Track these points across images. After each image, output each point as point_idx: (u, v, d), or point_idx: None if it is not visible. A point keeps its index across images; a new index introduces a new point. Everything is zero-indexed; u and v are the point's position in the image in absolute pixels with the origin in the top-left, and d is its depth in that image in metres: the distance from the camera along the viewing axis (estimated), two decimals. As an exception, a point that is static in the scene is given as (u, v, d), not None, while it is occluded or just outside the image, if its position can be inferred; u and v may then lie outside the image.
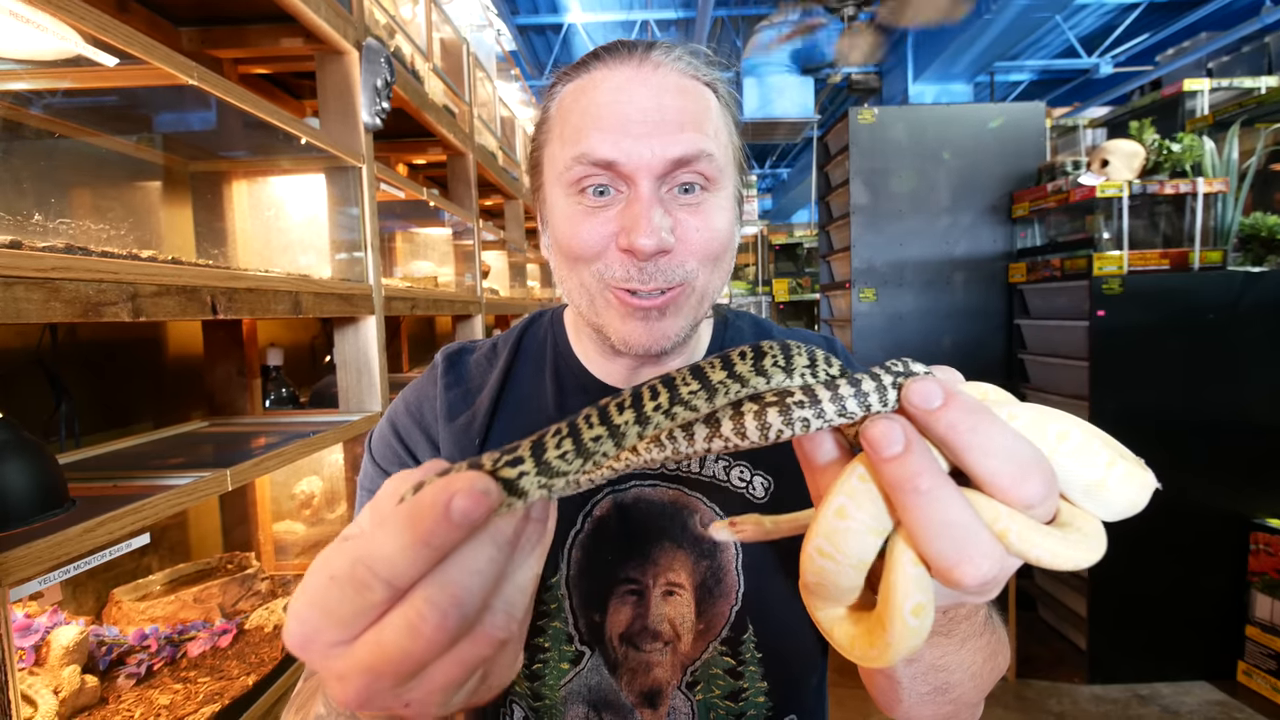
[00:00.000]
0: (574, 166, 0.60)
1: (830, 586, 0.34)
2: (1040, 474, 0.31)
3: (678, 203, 0.61)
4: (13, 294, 0.70)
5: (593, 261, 0.62)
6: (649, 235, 0.58)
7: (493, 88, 3.31)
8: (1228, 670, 2.68)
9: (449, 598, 0.27)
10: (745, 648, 0.67)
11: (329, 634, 0.28)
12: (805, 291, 6.61)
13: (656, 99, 0.60)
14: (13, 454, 0.81)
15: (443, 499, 0.27)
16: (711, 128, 0.62)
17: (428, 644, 0.27)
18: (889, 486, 0.31)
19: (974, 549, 0.29)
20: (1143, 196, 2.77)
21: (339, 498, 1.81)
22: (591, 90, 0.62)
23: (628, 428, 0.32)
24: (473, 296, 2.68)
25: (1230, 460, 2.67)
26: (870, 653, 0.34)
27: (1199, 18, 6.61)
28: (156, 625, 1.26)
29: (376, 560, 0.27)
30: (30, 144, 1.15)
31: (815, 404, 0.32)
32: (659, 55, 0.62)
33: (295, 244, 1.66)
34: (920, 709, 0.56)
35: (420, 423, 0.74)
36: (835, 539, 0.32)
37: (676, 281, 0.61)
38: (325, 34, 1.44)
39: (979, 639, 0.51)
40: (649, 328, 0.62)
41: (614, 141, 0.59)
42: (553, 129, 0.65)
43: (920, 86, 7.27)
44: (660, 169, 0.59)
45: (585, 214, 0.62)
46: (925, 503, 0.29)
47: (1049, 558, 0.31)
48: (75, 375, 1.35)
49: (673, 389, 0.33)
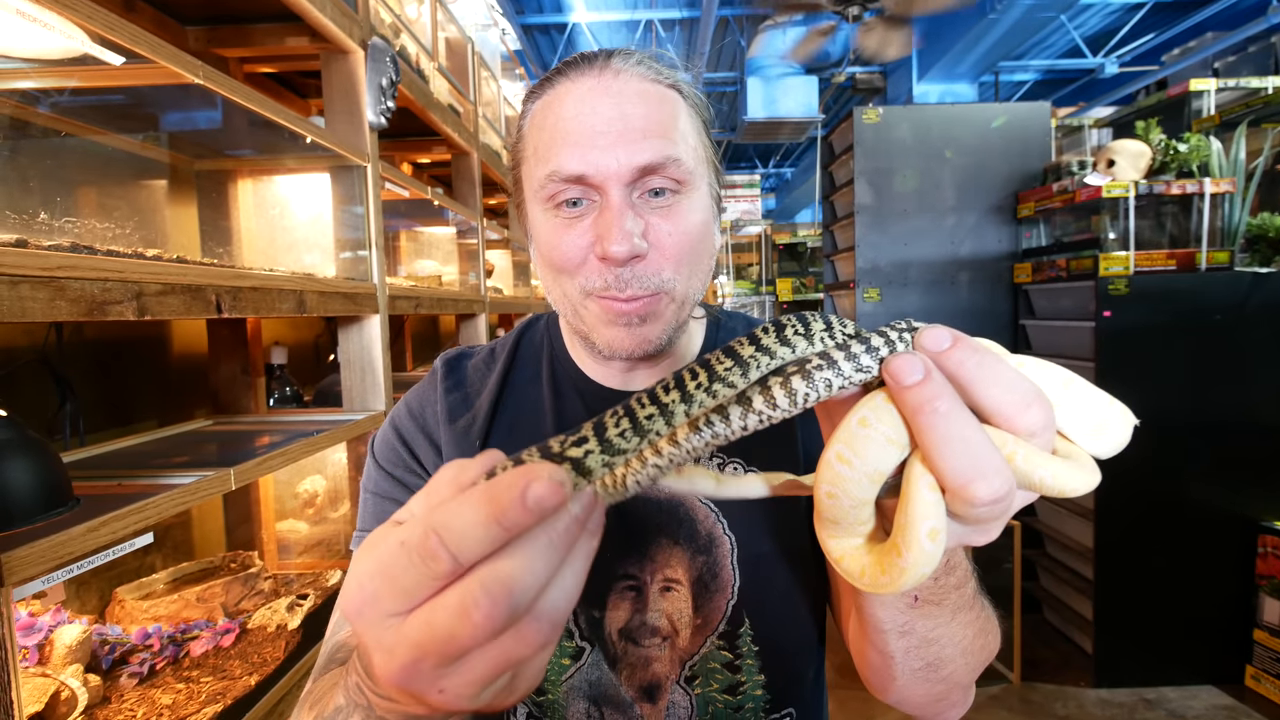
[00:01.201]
0: (547, 184, 0.62)
1: (845, 499, 0.35)
2: (1040, 404, 0.34)
3: (649, 207, 0.63)
4: (18, 293, 0.70)
5: (575, 273, 0.64)
6: (620, 241, 0.59)
7: (497, 87, 3.31)
8: (1235, 675, 2.66)
9: (503, 587, 0.28)
10: (742, 642, 0.68)
11: (388, 602, 0.29)
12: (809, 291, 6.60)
13: (619, 108, 0.61)
14: (17, 452, 0.81)
15: (521, 483, 0.28)
16: (677, 131, 0.63)
17: (475, 629, 0.28)
18: (909, 412, 0.33)
19: (986, 464, 0.31)
20: (1149, 197, 2.76)
21: (342, 497, 1.81)
22: (557, 106, 0.63)
23: (675, 405, 0.35)
24: (477, 295, 2.68)
25: (1238, 462, 2.65)
26: (881, 579, 0.36)
27: (1205, 17, 6.58)
28: (159, 624, 1.26)
29: (449, 531, 0.28)
30: (37, 143, 1.15)
31: (833, 365, 0.35)
32: (619, 63, 0.63)
33: (300, 243, 1.66)
34: (913, 688, 0.57)
35: (422, 426, 0.75)
36: (855, 444, 0.34)
37: (652, 290, 0.63)
38: (331, 33, 1.44)
39: (968, 612, 0.52)
40: (630, 333, 0.64)
41: (581, 155, 0.60)
42: (526, 147, 0.68)
43: (925, 86, 7.25)
44: (628, 176, 0.61)
45: (563, 227, 0.63)
46: (943, 422, 0.32)
47: (1050, 479, 0.33)
48: (80, 374, 1.35)
49: (709, 369, 0.36)
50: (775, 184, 15.40)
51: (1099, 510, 2.70)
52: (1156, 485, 2.65)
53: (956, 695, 0.60)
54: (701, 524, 0.69)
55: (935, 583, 0.47)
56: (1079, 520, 2.87)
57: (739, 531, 0.69)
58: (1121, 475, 2.65)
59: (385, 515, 0.71)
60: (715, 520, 0.70)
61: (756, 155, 13.43)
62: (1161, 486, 2.66)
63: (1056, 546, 3.12)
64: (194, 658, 1.19)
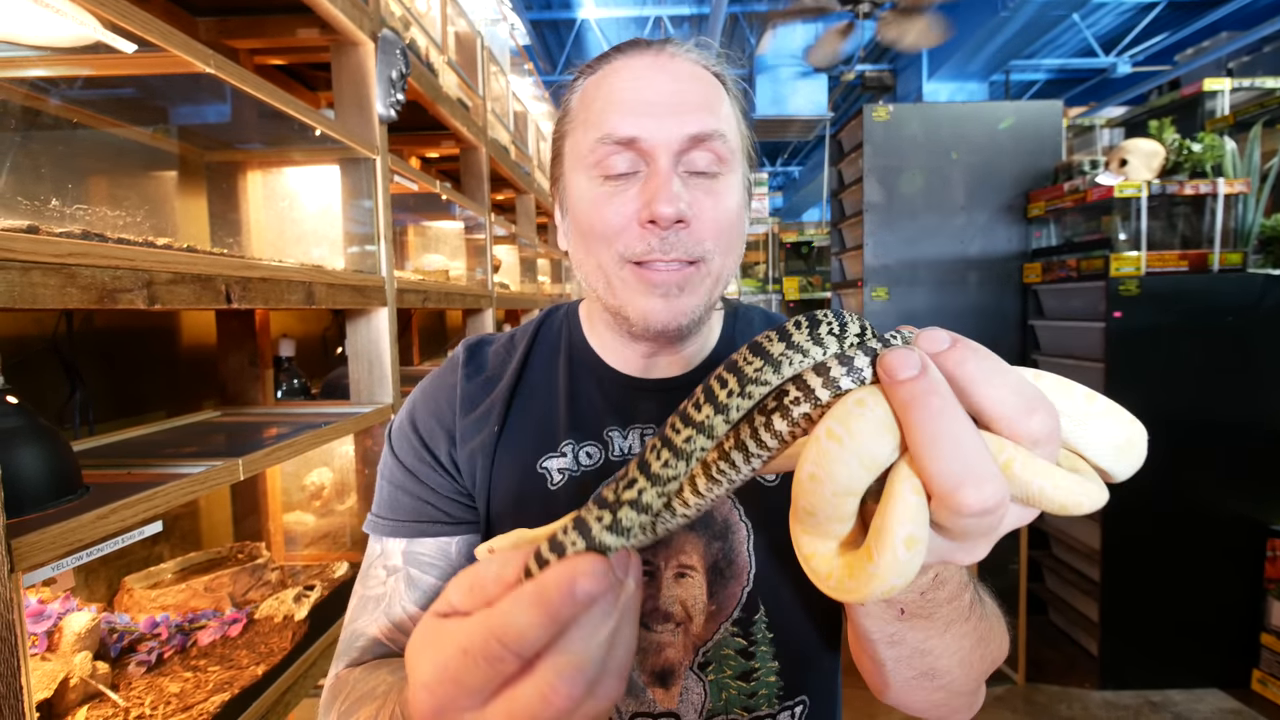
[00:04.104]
0: (597, 148, 0.64)
1: (828, 484, 0.32)
2: (1045, 411, 0.31)
3: (693, 183, 0.64)
4: (29, 279, 0.70)
5: (614, 241, 0.64)
6: (669, 203, 0.61)
7: (506, 82, 3.30)
8: (1242, 678, 2.65)
9: (574, 668, 0.30)
10: (757, 629, 0.68)
11: (462, 701, 0.31)
12: (816, 290, 6.57)
13: (674, 83, 0.64)
14: (27, 440, 0.81)
15: (568, 581, 0.30)
16: (724, 112, 0.66)
17: (557, 711, 0.30)
18: (901, 408, 0.30)
19: (979, 469, 0.29)
20: (1161, 197, 2.74)
21: (349, 489, 1.81)
22: (613, 77, 0.66)
23: (711, 419, 0.34)
24: (484, 290, 2.68)
25: (1248, 465, 2.63)
26: (848, 583, 0.33)
27: (1219, 17, 6.52)
28: (167, 613, 1.26)
29: (509, 633, 0.30)
30: (49, 132, 1.15)
31: (852, 369, 0.33)
32: (673, 49, 0.67)
33: (309, 235, 1.66)
34: (910, 694, 0.57)
35: (438, 416, 0.75)
36: (849, 421, 0.31)
37: (696, 255, 0.64)
38: (341, 25, 1.44)
39: (964, 624, 0.51)
40: (668, 304, 0.64)
41: (635, 120, 0.63)
42: (575, 118, 0.69)
43: (935, 85, 7.22)
44: (678, 145, 0.63)
45: (607, 195, 0.64)
46: (936, 420, 0.29)
47: (1052, 490, 0.31)
48: (91, 363, 1.36)
49: (737, 371, 0.34)
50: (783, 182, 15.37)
51: (1106, 512, 2.69)
52: (1165, 487, 2.63)
53: (960, 702, 0.59)
54: (718, 510, 0.69)
55: (922, 597, 0.45)
56: (1086, 522, 2.86)
57: (755, 518, 0.69)
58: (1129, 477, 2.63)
59: (399, 506, 0.72)
60: (731, 506, 0.69)
61: (764, 153, 13.40)
62: (1170, 488, 2.64)
63: (1062, 548, 3.11)
64: (201, 647, 1.20)
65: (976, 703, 0.62)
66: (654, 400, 0.73)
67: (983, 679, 0.58)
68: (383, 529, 0.72)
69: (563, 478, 0.71)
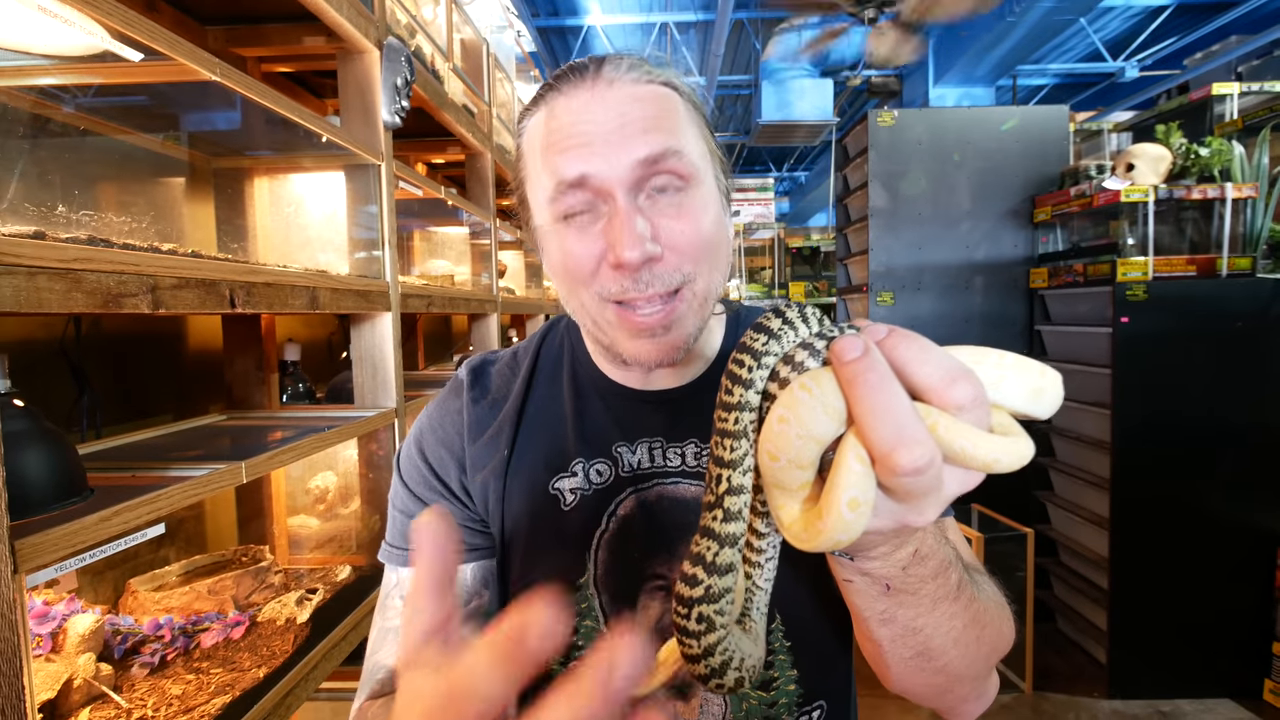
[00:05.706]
0: (555, 196, 0.62)
1: (783, 459, 0.38)
2: (967, 380, 0.36)
3: (658, 208, 0.62)
4: (35, 284, 0.71)
5: (590, 282, 0.63)
6: (632, 247, 0.58)
7: (512, 88, 3.32)
8: (1254, 689, 2.61)
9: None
10: (774, 637, 0.68)
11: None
12: (822, 295, 6.56)
13: (614, 111, 0.61)
14: (33, 442, 0.82)
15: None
16: (677, 126, 0.63)
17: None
18: (846, 384, 0.36)
19: (909, 433, 0.34)
20: (1169, 201, 2.72)
21: (353, 493, 1.82)
22: (551, 120, 0.63)
23: (734, 453, 0.41)
24: (489, 296, 2.69)
25: (1257, 472, 2.61)
26: (803, 534, 0.38)
27: (1228, 21, 6.48)
28: (171, 616, 1.27)
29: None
30: (58, 139, 1.17)
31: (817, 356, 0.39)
32: (610, 72, 0.63)
33: (314, 240, 1.67)
34: (910, 678, 0.57)
35: (447, 445, 0.75)
36: (796, 408, 0.37)
37: (675, 285, 0.62)
38: (347, 33, 1.45)
39: (952, 603, 0.51)
40: (656, 344, 0.63)
41: (580, 159, 0.60)
42: (526, 164, 0.67)
43: (941, 90, 7.20)
44: (630, 176, 0.60)
45: (573, 238, 0.63)
46: (873, 392, 0.34)
47: (971, 448, 0.35)
48: (99, 368, 1.37)
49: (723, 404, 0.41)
50: (789, 188, 15.36)
51: (1114, 518, 2.66)
52: (1173, 493, 2.61)
53: (963, 689, 0.59)
54: None
55: (904, 572, 0.47)
56: (1094, 529, 2.83)
57: None
58: (1138, 482, 2.61)
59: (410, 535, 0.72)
60: None
61: (770, 159, 13.40)
62: (1179, 495, 2.61)
63: (1070, 555, 3.08)
64: (204, 649, 1.21)
65: (986, 691, 0.62)
66: (658, 412, 0.74)
67: (986, 665, 0.58)
68: (397, 559, 0.72)
69: (575, 498, 0.71)
